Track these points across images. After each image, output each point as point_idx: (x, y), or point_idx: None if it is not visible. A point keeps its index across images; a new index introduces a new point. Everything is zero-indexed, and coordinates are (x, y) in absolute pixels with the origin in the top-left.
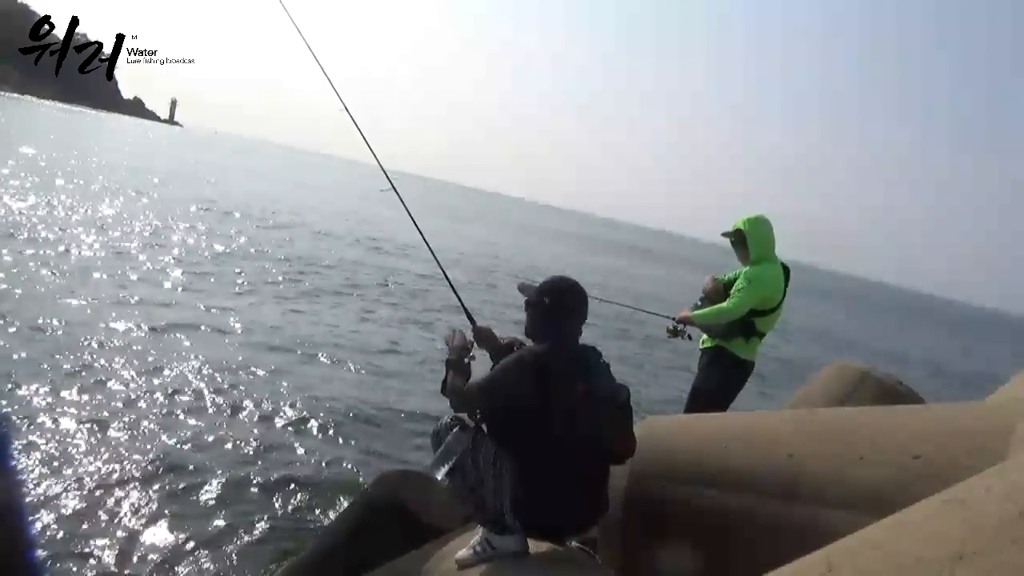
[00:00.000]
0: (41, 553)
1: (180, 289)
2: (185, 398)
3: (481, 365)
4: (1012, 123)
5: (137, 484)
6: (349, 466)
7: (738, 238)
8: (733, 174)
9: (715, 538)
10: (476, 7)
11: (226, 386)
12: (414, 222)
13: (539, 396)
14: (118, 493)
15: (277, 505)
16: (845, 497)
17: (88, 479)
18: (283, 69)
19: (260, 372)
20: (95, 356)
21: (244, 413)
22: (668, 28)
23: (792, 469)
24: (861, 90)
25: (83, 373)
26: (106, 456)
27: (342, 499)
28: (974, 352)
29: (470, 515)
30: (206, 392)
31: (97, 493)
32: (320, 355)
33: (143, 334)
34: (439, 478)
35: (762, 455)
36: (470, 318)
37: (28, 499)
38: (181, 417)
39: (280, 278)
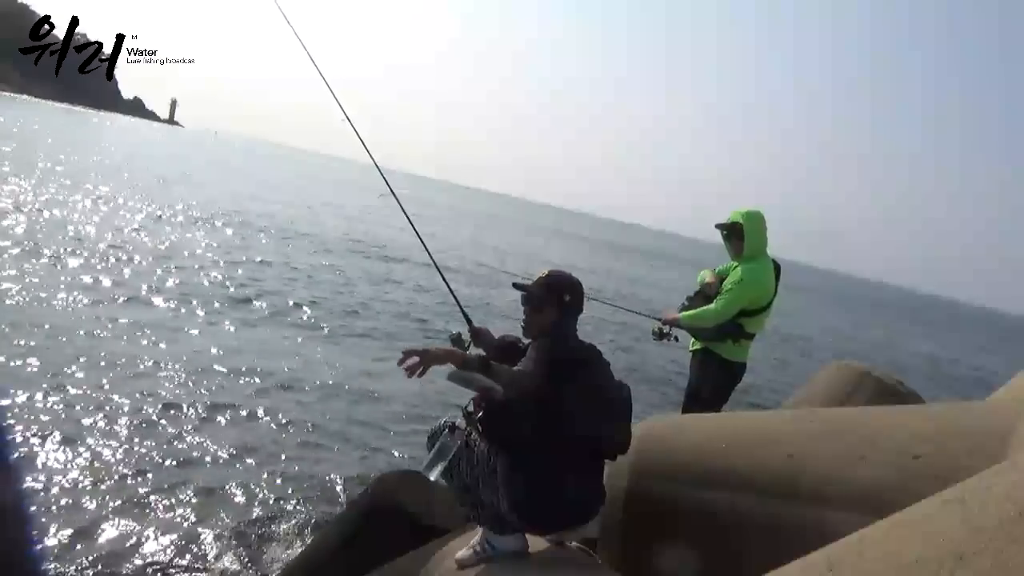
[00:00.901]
0: (41, 553)
1: (176, 297)
2: (184, 403)
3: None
4: (1015, 123)
5: (136, 485)
6: (349, 467)
7: (734, 231)
8: (733, 173)
9: (715, 538)
10: (501, 8)
11: (226, 391)
12: (412, 225)
13: (550, 393)
14: (117, 495)
15: (277, 506)
16: (845, 497)
17: (87, 480)
18: (284, 69)
19: (261, 376)
20: (98, 360)
21: (244, 417)
22: (679, 27)
23: (792, 469)
24: (864, 88)
25: (84, 377)
26: (106, 458)
27: (342, 500)
28: (974, 352)
29: (469, 515)
30: (205, 397)
31: (96, 494)
32: (319, 357)
33: (144, 338)
34: (432, 479)
35: (762, 455)
36: (467, 319)
37: (29, 499)
38: (180, 421)
39: (281, 287)
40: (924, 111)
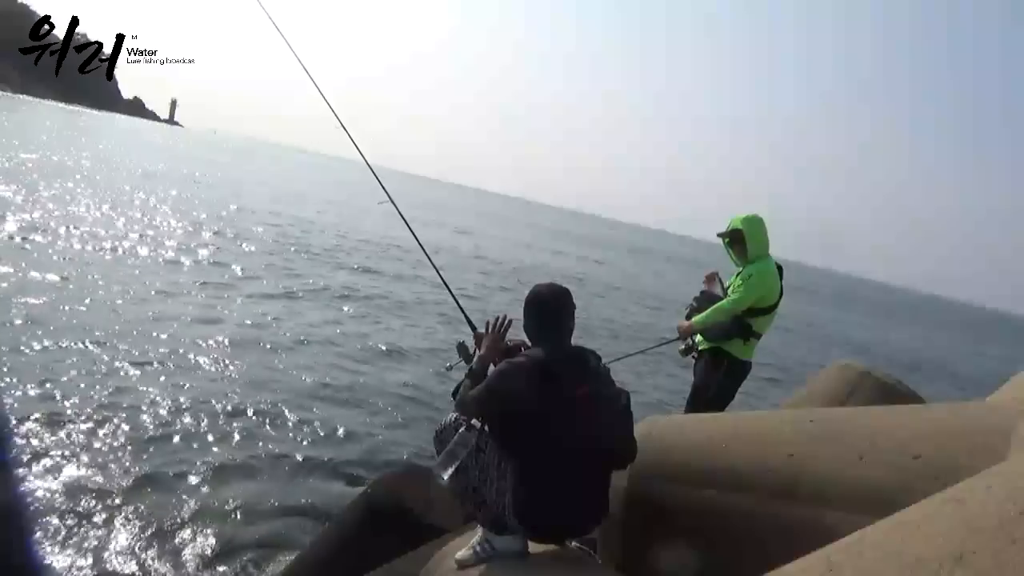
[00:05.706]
0: (42, 553)
1: (187, 289)
2: (184, 400)
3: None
4: (1017, 123)
5: (138, 483)
6: (349, 466)
7: (735, 237)
8: (735, 173)
9: (715, 538)
10: (491, 10)
11: (226, 388)
12: (412, 232)
13: (537, 399)
14: (119, 494)
15: (277, 505)
16: (845, 497)
17: (87, 480)
18: (283, 69)
19: (261, 373)
20: (102, 358)
21: (243, 414)
22: (680, 29)
23: (792, 469)
24: (867, 89)
25: (88, 374)
26: (107, 457)
27: (342, 499)
28: (975, 352)
29: (470, 514)
30: (206, 394)
31: (97, 494)
32: (321, 358)
33: (147, 338)
34: (445, 478)
35: (762, 455)
36: (471, 325)
37: (29, 498)
38: (180, 417)
39: (293, 285)
40: (925, 111)
